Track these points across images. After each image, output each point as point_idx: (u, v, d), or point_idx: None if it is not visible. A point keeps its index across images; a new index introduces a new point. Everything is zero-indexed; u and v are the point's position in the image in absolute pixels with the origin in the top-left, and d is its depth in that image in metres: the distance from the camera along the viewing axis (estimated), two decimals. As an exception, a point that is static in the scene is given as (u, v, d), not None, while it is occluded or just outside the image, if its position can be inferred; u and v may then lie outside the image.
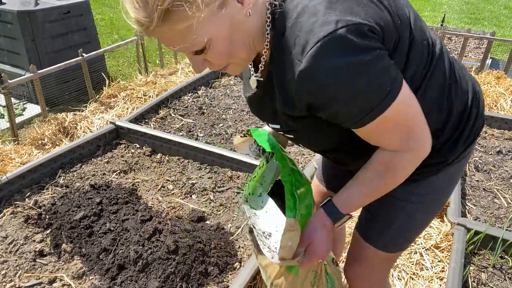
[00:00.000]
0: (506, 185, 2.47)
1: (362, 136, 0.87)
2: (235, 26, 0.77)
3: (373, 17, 0.76)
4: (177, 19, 0.71)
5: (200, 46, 0.76)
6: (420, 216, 1.11)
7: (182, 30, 0.73)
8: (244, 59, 0.85)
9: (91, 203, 2.18)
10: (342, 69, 0.73)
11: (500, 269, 1.88)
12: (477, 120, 1.01)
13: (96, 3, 8.89)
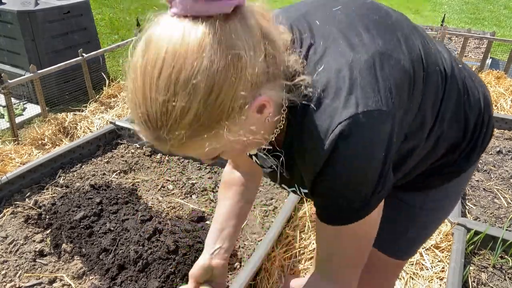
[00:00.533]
0: (506, 185, 2.47)
1: (320, 236, 0.82)
2: (253, 134, 0.68)
3: (392, 91, 0.70)
4: (195, 147, 0.65)
5: (213, 156, 0.71)
6: (434, 221, 1.10)
7: (198, 153, 0.68)
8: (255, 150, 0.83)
9: (91, 203, 2.18)
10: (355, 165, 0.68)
11: (500, 269, 1.88)
12: (489, 126, 0.98)
13: (96, 3, 8.89)
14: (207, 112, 0.59)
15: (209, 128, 0.61)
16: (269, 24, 0.66)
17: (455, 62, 0.93)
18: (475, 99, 0.93)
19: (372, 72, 0.69)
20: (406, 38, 0.80)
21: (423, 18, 7.80)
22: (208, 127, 0.61)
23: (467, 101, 0.92)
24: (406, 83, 0.75)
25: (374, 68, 0.69)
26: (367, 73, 0.68)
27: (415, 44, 0.82)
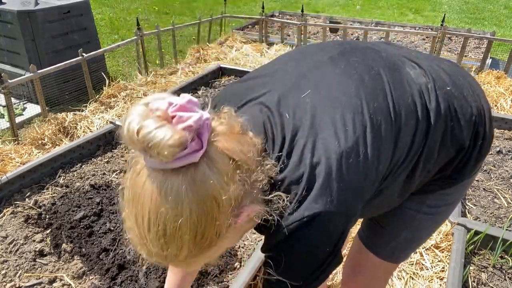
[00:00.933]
0: (506, 185, 2.47)
1: None
2: (244, 231, 0.80)
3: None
4: (191, 263, 0.74)
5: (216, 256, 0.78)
6: (429, 226, 1.10)
7: (194, 264, 0.77)
8: None
9: (91, 203, 2.18)
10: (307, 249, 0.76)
11: (500, 269, 1.88)
12: (486, 138, 0.96)
13: (96, 3, 8.89)
14: (197, 247, 0.68)
15: (203, 252, 0.70)
16: (238, 141, 0.71)
17: (440, 90, 0.91)
18: (465, 119, 0.92)
19: (335, 176, 0.73)
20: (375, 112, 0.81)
21: (423, 18, 7.80)
22: (202, 253, 0.70)
23: (455, 127, 0.91)
24: (385, 154, 0.80)
25: (338, 171, 0.73)
26: (326, 178, 0.73)
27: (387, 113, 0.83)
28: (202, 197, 0.64)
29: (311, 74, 0.86)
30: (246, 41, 5.51)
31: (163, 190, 0.63)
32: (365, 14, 8.06)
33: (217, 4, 9.11)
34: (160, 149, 0.60)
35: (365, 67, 0.87)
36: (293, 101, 0.81)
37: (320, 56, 0.91)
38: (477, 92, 0.99)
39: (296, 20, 5.83)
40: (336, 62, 0.88)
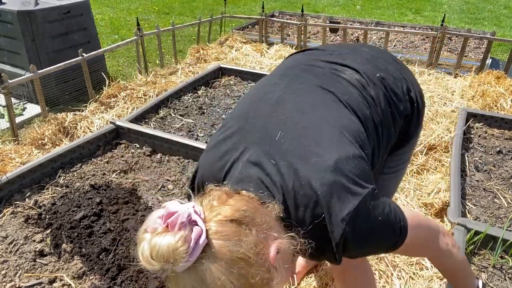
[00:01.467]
0: (506, 185, 2.47)
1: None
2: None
3: None
4: None
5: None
6: (393, 184, 1.37)
7: None
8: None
9: (91, 203, 2.18)
10: None
11: (500, 269, 1.88)
12: (418, 100, 1.22)
13: (96, 3, 8.89)
14: None
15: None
16: (231, 204, 0.81)
17: (372, 78, 1.12)
18: (400, 91, 1.16)
19: (341, 195, 0.86)
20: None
21: (423, 18, 7.80)
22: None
23: (396, 100, 1.15)
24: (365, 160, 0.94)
25: (343, 188, 0.87)
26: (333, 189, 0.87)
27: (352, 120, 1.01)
28: (232, 266, 0.74)
29: (273, 118, 0.98)
30: (246, 41, 5.51)
31: (202, 278, 0.73)
32: (365, 14, 8.06)
33: (217, 4, 9.11)
34: (174, 255, 0.71)
35: (312, 91, 1.04)
36: (272, 149, 0.92)
37: (274, 94, 1.05)
38: (402, 70, 1.24)
39: (296, 20, 5.83)
40: (288, 96, 1.03)
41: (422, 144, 2.87)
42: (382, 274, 1.88)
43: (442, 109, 3.53)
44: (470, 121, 3.16)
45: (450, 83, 4.13)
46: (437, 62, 4.60)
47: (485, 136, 3.03)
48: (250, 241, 0.76)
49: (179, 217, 0.74)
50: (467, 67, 4.51)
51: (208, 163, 1.04)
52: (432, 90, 3.92)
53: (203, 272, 0.73)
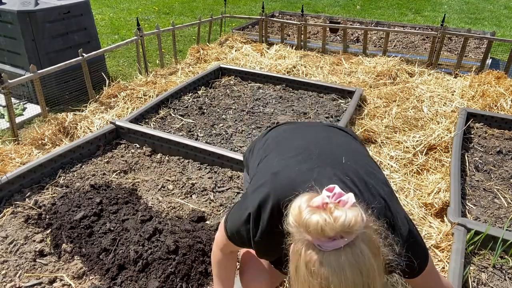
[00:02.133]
0: (506, 185, 2.47)
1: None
2: None
3: None
4: None
5: None
6: None
7: None
8: None
9: (91, 203, 2.17)
10: None
11: (500, 269, 1.88)
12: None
13: (96, 3, 8.89)
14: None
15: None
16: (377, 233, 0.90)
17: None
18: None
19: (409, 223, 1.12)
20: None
21: (423, 18, 7.80)
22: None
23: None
24: None
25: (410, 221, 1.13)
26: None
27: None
28: (375, 252, 0.85)
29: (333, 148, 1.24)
30: (246, 41, 5.51)
31: (353, 265, 0.81)
32: (365, 14, 8.06)
33: (217, 4, 9.11)
34: (353, 225, 0.80)
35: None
36: (343, 168, 1.13)
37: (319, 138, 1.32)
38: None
39: (296, 20, 5.82)
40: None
41: (422, 144, 2.87)
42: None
43: (442, 109, 3.53)
44: (470, 121, 3.16)
45: (450, 83, 4.13)
46: (437, 62, 4.60)
47: (485, 136, 3.03)
48: (378, 238, 0.89)
49: (351, 199, 0.84)
50: (467, 67, 4.51)
51: (287, 181, 1.11)
52: (432, 90, 3.92)
53: (361, 255, 0.82)
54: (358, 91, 3.58)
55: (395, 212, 1.08)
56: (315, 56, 4.90)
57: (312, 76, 4.32)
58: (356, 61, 4.66)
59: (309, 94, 3.82)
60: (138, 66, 4.32)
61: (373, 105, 3.59)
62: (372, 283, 0.83)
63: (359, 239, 0.82)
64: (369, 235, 0.85)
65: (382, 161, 2.76)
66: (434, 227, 2.16)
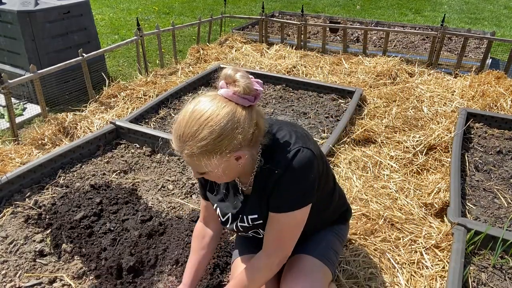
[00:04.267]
0: (506, 185, 2.47)
1: (271, 222, 1.30)
2: (228, 170, 1.21)
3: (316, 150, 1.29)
4: (196, 160, 1.15)
5: (202, 171, 1.19)
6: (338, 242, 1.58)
7: (196, 164, 1.16)
8: (227, 181, 1.34)
9: (91, 203, 2.18)
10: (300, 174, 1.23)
11: (500, 269, 1.88)
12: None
13: (96, 3, 8.89)
14: (211, 146, 1.11)
15: (208, 154, 1.13)
16: (261, 119, 1.23)
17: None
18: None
19: (305, 137, 1.30)
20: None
21: (423, 18, 7.81)
22: (208, 154, 1.13)
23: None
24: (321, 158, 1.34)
25: (307, 137, 1.32)
26: (304, 138, 1.30)
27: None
28: (234, 123, 1.11)
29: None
30: (246, 41, 5.51)
31: (220, 108, 1.12)
32: (365, 14, 8.06)
33: (217, 4, 9.11)
34: (240, 84, 1.13)
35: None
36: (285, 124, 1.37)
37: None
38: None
39: (296, 20, 5.82)
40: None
41: (422, 144, 2.87)
42: (386, 270, 1.88)
43: (442, 109, 3.53)
44: (470, 121, 3.16)
45: (450, 83, 4.13)
46: (437, 62, 4.60)
47: (485, 136, 3.03)
48: (245, 135, 1.15)
49: (260, 87, 1.19)
50: (467, 67, 4.51)
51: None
52: (432, 90, 3.92)
53: (227, 108, 1.13)
54: (358, 91, 3.58)
55: (294, 146, 1.23)
56: (315, 56, 4.90)
57: (312, 76, 4.32)
58: (356, 61, 4.66)
59: (309, 94, 3.82)
60: (138, 66, 4.32)
61: (373, 105, 3.59)
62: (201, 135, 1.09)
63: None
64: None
65: (382, 161, 2.76)
66: (434, 227, 2.17)
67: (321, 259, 1.45)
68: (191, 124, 1.11)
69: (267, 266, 1.32)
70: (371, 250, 2.00)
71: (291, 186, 1.23)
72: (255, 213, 1.34)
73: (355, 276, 1.85)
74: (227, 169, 1.19)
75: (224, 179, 1.26)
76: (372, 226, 2.13)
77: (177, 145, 1.15)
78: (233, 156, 1.15)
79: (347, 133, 3.06)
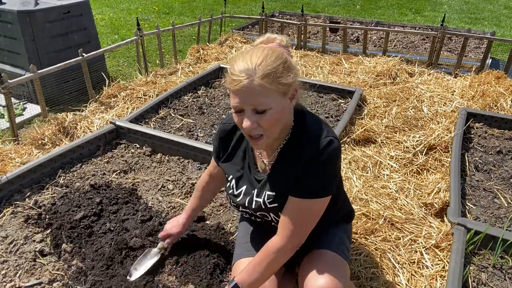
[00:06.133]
0: (506, 185, 2.47)
1: (291, 207, 1.32)
2: (284, 111, 1.25)
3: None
4: (265, 88, 1.18)
5: (265, 108, 1.20)
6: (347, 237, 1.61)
7: (264, 93, 1.19)
8: (273, 137, 1.29)
9: (91, 203, 2.17)
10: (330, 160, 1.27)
11: (500, 269, 1.88)
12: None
13: (96, 3, 8.89)
14: (280, 70, 1.19)
15: (277, 79, 1.19)
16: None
17: None
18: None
19: (332, 131, 1.33)
20: None
21: (423, 18, 7.80)
22: (277, 78, 1.19)
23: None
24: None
25: (334, 132, 1.35)
26: (332, 130, 1.33)
27: None
28: (292, 64, 1.25)
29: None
30: (246, 41, 5.51)
31: (276, 49, 1.26)
32: (365, 14, 8.06)
33: (217, 4, 9.10)
34: (282, 39, 1.55)
35: None
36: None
37: None
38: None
39: (296, 20, 5.82)
40: None
41: (422, 144, 2.87)
42: (387, 269, 1.88)
43: (442, 109, 3.53)
44: (470, 121, 3.16)
45: (450, 83, 4.13)
46: (437, 62, 4.60)
47: (485, 136, 3.03)
48: (295, 78, 1.27)
49: (289, 44, 1.52)
50: (467, 67, 4.51)
51: None
52: (432, 90, 3.92)
53: (280, 51, 1.28)
54: (358, 91, 3.58)
55: (328, 135, 1.28)
56: (315, 56, 4.90)
57: (312, 76, 4.32)
58: (356, 61, 4.66)
59: (309, 94, 3.82)
60: (138, 66, 4.32)
61: (373, 105, 3.59)
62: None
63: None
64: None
65: (382, 161, 2.76)
66: (434, 227, 2.17)
67: (340, 254, 1.46)
68: (258, 54, 1.19)
69: (282, 250, 1.32)
70: (372, 249, 2.01)
71: (321, 172, 1.25)
72: (274, 191, 1.35)
73: (356, 276, 1.85)
74: (282, 110, 1.23)
75: (276, 127, 1.26)
76: (372, 225, 2.13)
77: (247, 73, 1.16)
78: (293, 88, 1.25)
79: (347, 133, 3.06)
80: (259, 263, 1.33)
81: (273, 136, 1.28)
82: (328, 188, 1.28)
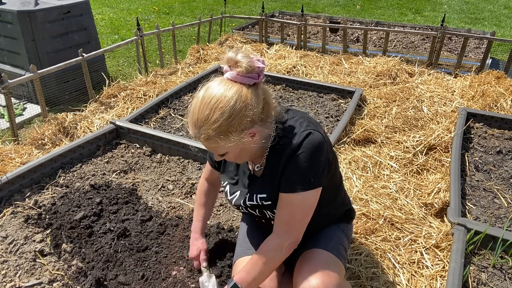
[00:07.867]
0: (506, 185, 2.47)
1: (282, 204, 1.33)
2: (245, 148, 1.27)
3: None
4: (214, 142, 1.22)
5: (222, 152, 1.27)
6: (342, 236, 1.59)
7: (214, 147, 1.25)
8: (249, 158, 1.38)
9: (91, 203, 2.18)
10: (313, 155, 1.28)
11: (500, 269, 1.88)
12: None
13: (96, 3, 8.89)
14: (224, 127, 1.18)
15: (224, 135, 1.20)
16: (269, 95, 1.30)
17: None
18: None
19: (317, 124, 1.35)
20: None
21: (423, 18, 7.80)
22: (223, 135, 1.20)
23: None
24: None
25: (319, 124, 1.36)
26: (316, 124, 1.35)
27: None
28: (243, 103, 1.18)
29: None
30: (246, 41, 5.51)
31: (227, 89, 1.19)
32: (365, 14, 8.06)
33: (217, 4, 9.11)
34: (242, 64, 1.19)
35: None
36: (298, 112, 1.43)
37: None
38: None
39: (296, 20, 5.82)
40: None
41: (422, 144, 2.87)
42: (388, 269, 1.88)
43: (442, 109, 3.53)
44: (470, 121, 3.16)
45: (450, 83, 4.13)
46: (437, 62, 4.60)
47: (485, 136, 3.03)
48: (256, 113, 1.22)
49: (262, 64, 1.24)
50: (467, 67, 4.51)
51: None
52: (432, 90, 3.92)
53: (233, 89, 1.21)
54: (358, 91, 3.58)
55: (306, 128, 1.29)
56: (315, 56, 4.90)
57: (312, 76, 4.32)
58: (356, 61, 4.66)
59: (309, 94, 3.82)
60: (138, 66, 4.32)
61: (373, 105, 3.59)
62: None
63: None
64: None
65: (382, 161, 2.76)
66: (434, 227, 2.17)
67: (335, 253, 1.46)
68: (203, 109, 1.18)
69: (278, 248, 1.32)
70: (372, 249, 2.01)
71: (302, 165, 1.26)
72: (265, 192, 1.38)
73: (357, 276, 1.85)
74: (244, 148, 1.25)
75: (242, 158, 1.32)
76: (373, 225, 2.13)
77: (194, 132, 1.22)
78: (247, 133, 1.22)
79: (347, 133, 3.06)
80: (256, 261, 1.33)
81: (247, 159, 1.37)
82: (315, 180, 1.27)
